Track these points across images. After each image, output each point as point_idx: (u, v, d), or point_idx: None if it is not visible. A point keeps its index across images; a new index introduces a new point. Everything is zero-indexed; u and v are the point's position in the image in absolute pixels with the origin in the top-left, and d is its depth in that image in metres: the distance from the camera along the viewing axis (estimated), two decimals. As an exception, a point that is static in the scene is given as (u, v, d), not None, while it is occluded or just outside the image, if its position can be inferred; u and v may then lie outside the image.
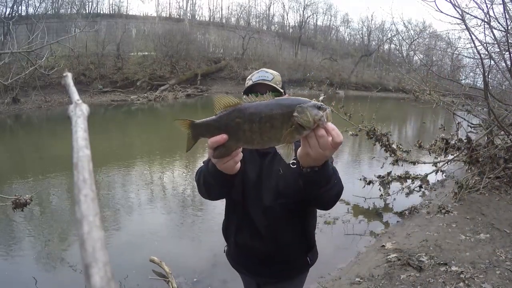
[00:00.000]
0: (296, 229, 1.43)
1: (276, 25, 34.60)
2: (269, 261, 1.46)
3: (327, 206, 1.23)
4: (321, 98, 4.76)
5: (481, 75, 4.90)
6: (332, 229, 4.39)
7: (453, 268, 2.90)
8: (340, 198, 1.24)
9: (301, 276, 1.56)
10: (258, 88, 1.37)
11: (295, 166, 1.29)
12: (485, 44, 5.00)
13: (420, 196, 5.53)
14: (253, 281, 1.60)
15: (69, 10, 23.61)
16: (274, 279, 1.52)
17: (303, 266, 1.51)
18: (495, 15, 4.93)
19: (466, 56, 7.07)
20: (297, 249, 1.47)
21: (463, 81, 8.59)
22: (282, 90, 1.40)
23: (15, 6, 19.83)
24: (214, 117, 0.91)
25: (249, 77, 1.44)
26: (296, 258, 1.48)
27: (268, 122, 0.84)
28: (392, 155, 5.65)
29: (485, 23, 4.74)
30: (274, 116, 0.83)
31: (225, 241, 1.60)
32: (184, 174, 6.86)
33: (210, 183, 1.19)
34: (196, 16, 31.28)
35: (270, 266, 1.47)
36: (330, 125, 0.85)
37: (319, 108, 0.82)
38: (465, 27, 4.66)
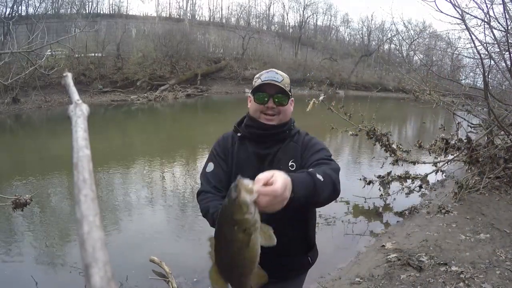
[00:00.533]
0: (296, 229, 1.43)
1: (276, 25, 34.62)
2: (268, 261, 1.46)
3: (330, 200, 1.19)
4: (321, 98, 4.75)
5: (481, 75, 4.90)
6: (332, 229, 4.38)
7: (453, 268, 2.90)
8: (340, 198, 1.24)
9: (302, 276, 1.56)
10: (266, 88, 1.35)
11: (293, 168, 1.30)
12: (485, 44, 5.00)
13: (420, 196, 5.53)
14: None
15: (69, 10, 23.63)
16: (275, 279, 1.51)
17: (304, 265, 1.51)
18: (495, 15, 4.93)
19: (466, 56, 7.08)
20: (298, 249, 1.46)
21: (463, 81, 8.60)
22: (290, 93, 1.39)
23: (15, 6, 19.87)
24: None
25: (257, 75, 1.42)
26: (296, 258, 1.48)
27: (236, 251, 0.79)
28: (392, 155, 5.65)
29: (485, 23, 4.74)
30: (232, 244, 0.78)
31: None
32: (184, 174, 6.86)
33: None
34: (196, 16, 31.30)
35: (270, 266, 1.47)
36: (261, 190, 0.77)
37: (235, 200, 0.74)
38: (465, 27, 4.66)
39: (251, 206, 0.74)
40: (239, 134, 1.45)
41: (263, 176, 0.80)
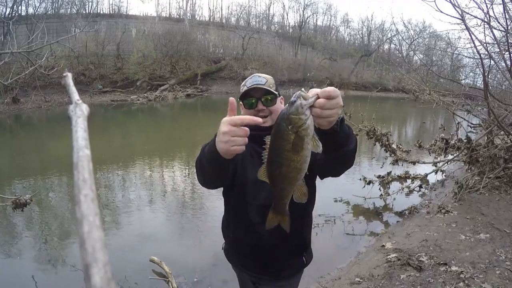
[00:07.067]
0: (292, 228, 1.43)
1: (276, 25, 34.61)
2: (264, 259, 1.48)
3: (351, 157, 1.26)
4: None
5: (481, 75, 4.90)
6: (332, 229, 4.38)
7: (453, 268, 2.90)
8: (340, 198, 1.26)
9: (297, 275, 1.58)
10: (252, 93, 1.39)
11: None
12: (485, 44, 5.00)
13: (420, 196, 5.53)
14: (248, 278, 1.61)
15: (69, 10, 23.64)
16: (269, 277, 1.53)
17: (299, 265, 1.53)
18: (495, 15, 4.93)
19: (466, 56, 7.08)
20: (293, 248, 1.49)
21: (463, 81, 8.61)
22: (276, 92, 1.41)
23: (15, 6, 19.84)
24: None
25: (243, 83, 1.47)
26: (291, 257, 1.50)
27: (286, 151, 0.85)
28: (392, 155, 5.65)
29: (485, 23, 4.74)
30: (282, 138, 0.83)
31: (223, 238, 1.62)
32: (184, 174, 6.86)
33: (206, 168, 1.19)
34: (196, 16, 31.31)
35: (265, 264, 1.49)
36: (317, 91, 0.84)
37: (294, 103, 0.82)
38: (465, 27, 4.65)
39: (306, 109, 0.81)
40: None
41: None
